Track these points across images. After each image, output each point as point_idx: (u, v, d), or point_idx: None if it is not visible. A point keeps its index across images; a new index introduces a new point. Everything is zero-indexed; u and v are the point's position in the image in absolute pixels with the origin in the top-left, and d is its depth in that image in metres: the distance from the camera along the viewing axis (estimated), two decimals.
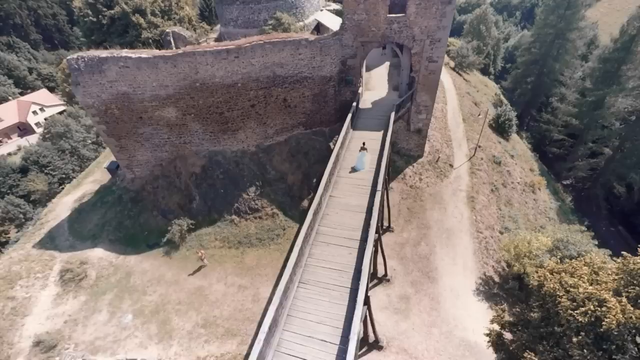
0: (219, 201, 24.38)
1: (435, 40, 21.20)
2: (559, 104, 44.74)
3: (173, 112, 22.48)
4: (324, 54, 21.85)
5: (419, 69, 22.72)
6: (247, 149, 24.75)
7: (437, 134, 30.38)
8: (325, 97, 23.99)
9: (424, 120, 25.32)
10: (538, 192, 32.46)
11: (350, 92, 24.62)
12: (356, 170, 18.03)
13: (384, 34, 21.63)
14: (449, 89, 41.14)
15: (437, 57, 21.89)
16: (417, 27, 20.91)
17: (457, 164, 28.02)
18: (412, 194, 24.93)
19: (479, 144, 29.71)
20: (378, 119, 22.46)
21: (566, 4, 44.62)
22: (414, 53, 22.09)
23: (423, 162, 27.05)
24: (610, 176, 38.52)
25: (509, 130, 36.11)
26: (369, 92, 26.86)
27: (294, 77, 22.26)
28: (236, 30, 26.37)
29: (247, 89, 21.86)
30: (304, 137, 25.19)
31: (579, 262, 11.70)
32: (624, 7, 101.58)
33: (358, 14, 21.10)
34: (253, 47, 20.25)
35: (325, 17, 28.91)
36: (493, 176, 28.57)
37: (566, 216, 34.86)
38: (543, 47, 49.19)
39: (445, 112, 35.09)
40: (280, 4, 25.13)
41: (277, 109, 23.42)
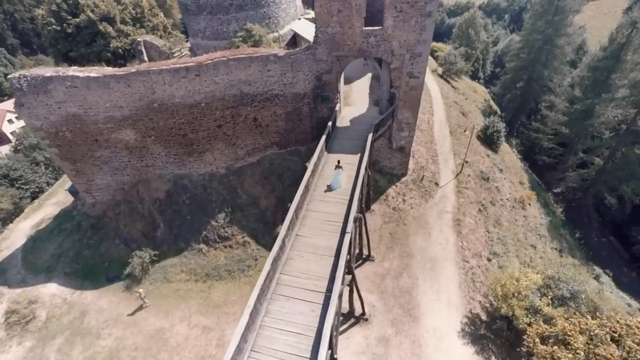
0: (185, 229, 22.43)
1: (416, 54, 19.63)
2: (548, 112, 43.72)
3: (131, 135, 20.49)
4: (296, 70, 20.12)
5: (400, 84, 21.13)
6: (216, 171, 22.86)
7: (422, 149, 28.86)
8: (300, 115, 22.26)
9: (407, 138, 23.74)
10: (528, 208, 31.16)
11: (327, 108, 22.95)
12: (332, 189, 16.77)
13: (361, 48, 19.99)
14: (435, 98, 39.77)
15: (419, 72, 20.33)
16: (395, 41, 19.32)
17: (443, 182, 26.49)
18: (395, 217, 23.30)
19: (466, 159, 28.26)
20: (356, 139, 20.76)
21: (554, 9, 43.63)
22: (394, 68, 20.51)
23: (407, 181, 25.46)
24: (601, 187, 37.51)
25: (497, 142, 34.79)
26: (348, 107, 25.19)
27: (263, 95, 20.48)
28: (205, 42, 24.49)
29: (212, 108, 20.00)
30: (278, 157, 23.40)
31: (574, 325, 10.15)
32: (611, 10, 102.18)
33: (332, 27, 19.43)
34: (216, 64, 18.40)
35: (302, 27, 27.16)
36: (481, 194, 27.12)
37: (557, 230, 33.68)
38: (531, 53, 48.21)
39: (431, 124, 33.63)
40: (251, 15, 23.34)
41: (247, 128, 21.60)
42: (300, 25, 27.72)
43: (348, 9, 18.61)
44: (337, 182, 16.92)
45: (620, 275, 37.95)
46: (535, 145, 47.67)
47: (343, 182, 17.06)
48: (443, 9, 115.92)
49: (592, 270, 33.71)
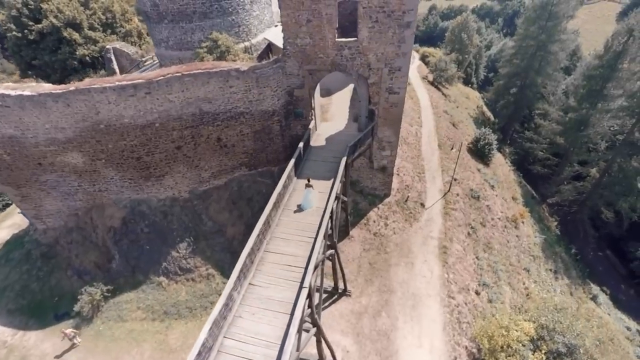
0: (144, 260, 20.26)
1: (395, 69, 17.71)
2: (542, 120, 42.08)
3: (79, 158, 18.31)
4: (262, 86, 18.08)
5: (378, 101, 19.20)
6: (179, 196, 20.72)
7: (408, 165, 26.94)
8: (270, 134, 20.22)
9: (389, 157, 21.81)
10: (521, 226, 29.34)
11: (301, 126, 20.96)
12: (302, 210, 15.41)
13: (334, 62, 18.03)
14: (425, 108, 37.97)
15: (399, 88, 18.40)
16: (371, 53, 17.38)
17: (429, 202, 24.57)
18: (376, 244, 21.31)
19: (454, 177, 26.38)
20: (331, 162, 18.68)
21: (547, 15, 42.06)
22: (371, 83, 18.56)
23: (390, 202, 23.51)
24: (597, 200, 35.88)
25: (489, 155, 33.01)
26: (326, 123, 23.18)
27: (226, 113, 18.41)
28: (169, 52, 22.41)
29: (169, 129, 17.89)
30: (248, 179, 21.34)
31: None
32: (604, 13, 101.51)
33: (301, 39, 17.45)
34: (168, 80, 16.31)
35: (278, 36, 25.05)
36: (470, 214, 25.23)
37: (552, 249, 31.91)
38: (524, 59, 46.60)
39: (419, 137, 31.76)
40: (218, 23, 21.31)
41: (210, 149, 19.51)
42: (275, 34, 25.65)
43: (318, 19, 16.64)
44: (308, 201, 15.49)
45: (618, 293, 36.33)
46: (529, 154, 46.01)
47: (314, 201, 15.63)
48: (436, 12, 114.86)
49: (589, 290, 32.04)
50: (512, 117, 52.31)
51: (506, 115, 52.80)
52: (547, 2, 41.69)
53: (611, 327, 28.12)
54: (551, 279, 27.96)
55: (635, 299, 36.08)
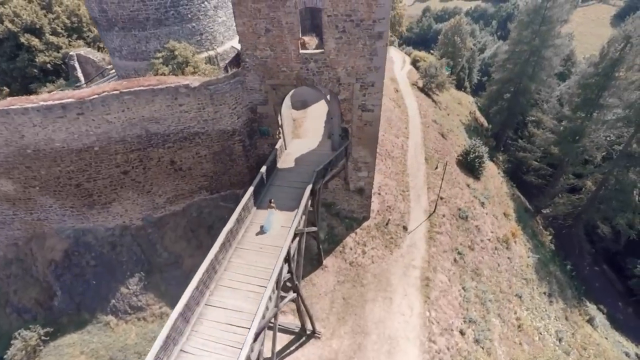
0: (90, 296, 18.05)
1: (367, 84, 15.70)
2: (535, 129, 40.31)
3: (9, 185, 16.09)
4: (219, 103, 15.99)
5: (351, 119, 17.18)
6: (130, 224, 18.54)
7: (391, 183, 24.95)
8: (232, 155, 18.13)
9: (366, 178, 19.79)
10: (513, 246, 27.45)
11: (268, 144, 18.92)
12: (264, 232, 14.14)
13: (300, 76, 15.98)
14: (413, 117, 36.05)
15: (373, 105, 16.39)
16: (340, 67, 15.36)
17: (412, 225, 22.57)
18: (352, 276, 19.26)
19: (440, 195, 24.42)
20: (297, 188, 16.52)
21: (540, 19, 40.37)
22: (342, 100, 16.55)
23: (369, 226, 21.48)
24: (594, 214, 34.12)
25: (479, 168, 31.12)
26: (298, 140, 21.10)
27: (178, 134, 16.30)
28: (123, 62, 20.26)
29: (110, 153, 15.73)
30: (209, 204, 19.22)
31: None
32: (599, 16, 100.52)
33: (261, 50, 15.39)
34: (105, 99, 14.16)
35: None
36: (458, 237, 23.27)
37: (546, 268, 30.05)
38: (517, 64, 44.89)
39: (405, 150, 29.80)
40: (176, 31, 19.22)
41: (163, 173, 17.37)
42: None
43: (278, 28, 14.59)
44: (269, 223, 14.35)
45: (615, 312, 34.58)
46: (522, 163, 44.22)
47: (277, 222, 14.47)
48: (430, 14, 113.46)
49: (585, 312, 30.22)
50: (506, 123, 50.58)
51: (499, 121, 51.08)
52: (540, 6, 40.02)
53: (609, 354, 26.32)
54: (545, 303, 26.09)
55: (634, 319, 34.33)
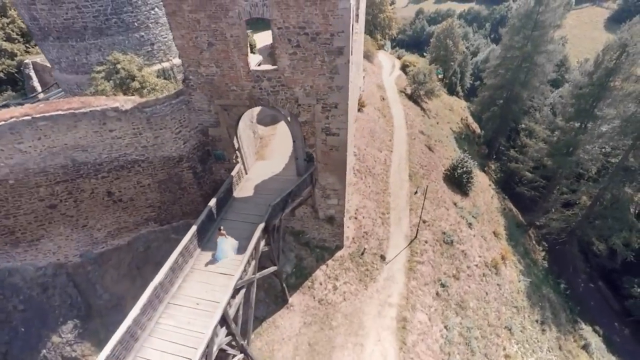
0: (17, 346, 15.74)
1: (330, 105, 13.62)
2: (527, 139, 38.48)
3: None
4: (158, 127, 13.83)
5: (315, 143, 15.10)
6: (66, 261, 16.27)
7: (370, 204, 22.89)
8: (181, 183, 15.96)
9: (336, 206, 17.70)
10: (503, 270, 25.51)
11: (225, 169, 16.79)
12: (217, 260, 12.97)
13: (252, 96, 13.88)
14: (398, 128, 34.09)
15: (338, 128, 14.31)
16: (298, 86, 13.28)
17: (391, 254, 20.53)
18: (320, 316, 17.16)
19: (423, 219, 22.42)
20: (253, 223, 14.27)
21: (532, 24, 38.61)
22: (303, 122, 14.47)
23: (343, 256, 19.40)
24: (589, 231, 32.33)
25: (467, 184, 29.20)
26: (262, 163, 18.95)
27: (113, 162, 14.10)
28: (64, 76, 18.00)
29: (30, 186, 13.48)
30: (158, 237, 17.01)
31: None
32: (592, 19, 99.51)
33: (205, 67, 13.27)
34: (13, 126, 11.92)
35: None
36: (441, 266, 21.27)
37: (539, 292, 28.17)
38: (509, 71, 43.12)
39: (388, 165, 27.79)
40: (120, 41, 17.01)
41: (99, 206, 15.15)
42: None
43: (222, 42, 12.47)
44: (222, 251, 13.06)
45: (612, 334, 32.76)
46: (515, 173, 42.41)
47: (229, 251, 13.13)
48: (423, 16, 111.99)
49: (580, 337, 28.39)
50: (498, 130, 48.78)
51: (492, 128, 49.30)
52: (532, 11, 38.27)
53: None
54: (537, 333, 24.17)
55: (631, 341, 32.56)
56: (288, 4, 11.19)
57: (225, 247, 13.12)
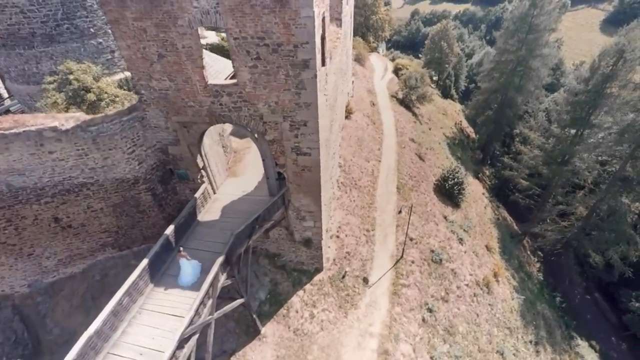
0: None
1: (298, 123, 12.22)
2: (522, 146, 37.28)
3: None
4: (107, 148, 12.38)
5: (285, 163, 13.70)
6: (12, 292, 14.76)
7: (354, 220, 21.53)
8: (139, 207, 14.50)
9: (313, 229, 16.29)
10: (495, 288, 24.22)
11: (190, 190, 15.35)
12: (182, 285, 11.94)
13: (213, 112, 12.45)
14: (388, 136, 32.77)
15: (309, 148, 12.91)
16: (261, 102, 11.86)
17: (375, 276, 19.16)
18: (295, 349, 15.73)
19: (410, 236, 21.07)
20: (217, 253, 12.91)
21: (527, 27, 37.45)
22: (270, 140, 13.05)
23: (322, 280, 17.99)
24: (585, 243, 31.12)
25: (459, 195, 27.90)
26: (233, 180, 17.49)
27: (57, 186, 12.62)
28: (15, 86, 16.45)
29: None
30: (117, 264, 15.54)
31: None
32: (588, 21, 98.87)
33: (157, 81, 11.84)
34: None
35: None
36: (429, 288, 19.93)
37: (533, 309, 26.92)
38: (503, 75, 41.94)
39: (376, 176, 26.44)
40: (75, 48, 15.52)
41: (45, 233, 13.66)
42: None
43: (174, 54, 11.04)
44: (186, 275, 12.05)
45: (608, 349, 31.60)
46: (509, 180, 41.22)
47: (194, 274, 12.12)
48: (419, 17, 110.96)
49: (577, 355, 27.23)
50: (493, 135, 47.57)
51: (486, 133, 48.07)
52: (526, 14, 37.08)
53: None
54: (531, 355, 22.90)
55: (628, 356, 31.43)
56: (244, 11, 9.78)
57: (189, 269, 12.05)
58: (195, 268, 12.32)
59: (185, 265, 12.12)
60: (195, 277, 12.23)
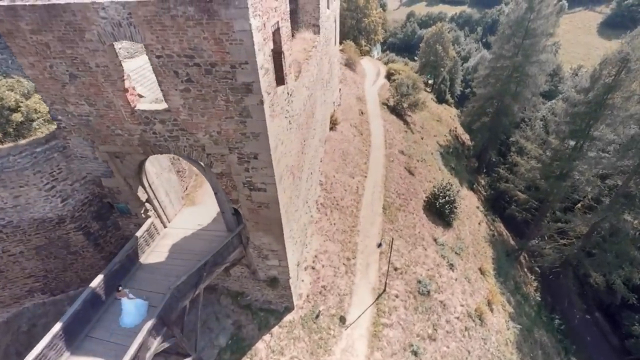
0: None
1: (248, 156, 10.14)
2: (518, 157, 35.36)
3: None
4: (16, 184, 10.25)
5: (238, 198, 11.62)
6: None
7: (334, 247, 19.48)
8: (70, 247, 12.37)
9: (278, 267, 14.22)
10: (489, 318, 22.19)
11: (135, 224, 13.25)
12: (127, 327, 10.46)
13: (146, 141, 10.34)
14: (376, 147, 30.76)
15: (263, 183, 10.84)
16: (201, 132, 9.79)
17: (353, 314, 17.08)
18: None
19: (395, 266, 19.02)
20: (156, 307, 10.92)
21: (523, 32, 35.59)
22: (219, 174, 10.97)
23: (293, 321, 15.90)
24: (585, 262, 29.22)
25: (450, 215, 25.89)
26: (191, 210, 15.35)
27: None
28: None
29: None
30: (48, 310, 13.38)
31: None
32: (585, 24, 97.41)
33: (74, 105, 9.74)
34: None
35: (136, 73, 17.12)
36: (414, 326, 17.86)
37: (530, 337, 24.95)
38: (499, 82, 40.07)
39: (360, 195, 24.40)
40: (1, 60, 13.47)
41: None
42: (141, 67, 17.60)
43: (88, 74, 8.95)
44: (129, 316, 10.57)
45: None
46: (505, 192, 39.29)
47: (139, 314, 10.65)
48: (414, 19, 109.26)
49: None
50: (488, 142, 45.65)
51: (482, 140, 46.11)
52: (523, 18, 35.19)
53: None
54: None
55: None
56: (163, 23, 7.70)
57: (131, 309, 10.62)
58: (140, 307, 10.77)
59: (127, 305, 10.56)
60: (141, 318, 10.64)
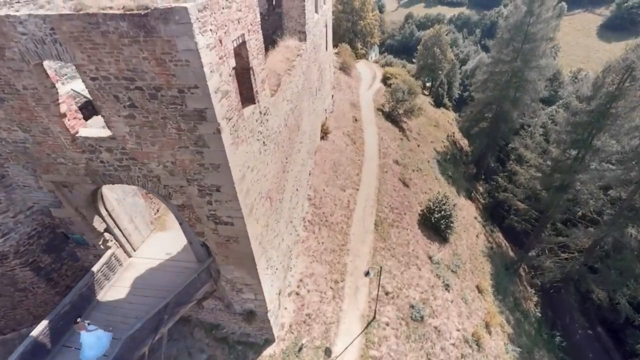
0: None
1: (209, 188, 8.85)
2: (517, 166, 34.15)
3: None
4: None
5: (204, 231, 10.33)
6: None
7: (321, 269, 18.20)
8: (17, 284, 11.07)
9: (254, 301, 12.93)
10: (487, 342, 20.90)
11: (94, 255, 11.96)
12: None
13: (94, 170, 9.05)
14: (370, 157, 29.49)
15: (229, 217, 9.56)
16: (153, 162, 8.50)
17: (340, 344, 15.77)
18: None
19: (386, 290, 17.72)
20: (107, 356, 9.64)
21: (522, 36, 34.41)
22: (179, 206, 9.69)
23: (274, 354, 14.61)
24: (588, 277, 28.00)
25: (447, 230, 24.62)
26: (160, 236, 14.05)
27: None
28: None
29: None
30: None
31: None
32: (585, 26, 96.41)
33: (7, 131, 8.58)
34: None
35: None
36: (407, 357, 16.54)
37: (530, 357, 23.72)
38: (497, 87, 38.88)
39: (352, 209, 23.13)
40: None
41: None
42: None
43: (16, 97, 7.70)
44: (90, 349, 9.60)
45: None
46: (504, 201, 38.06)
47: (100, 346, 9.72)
48: (412, 20, 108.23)
49: None
50: (487, 149, 44.45)
51: (480, 146, 44.95)
52: (522, 21, 33.99)
53: None
54: None
55: None
56: (94, 41, 6.42)
57: (92, 341, 9.66)
58: (101, 339, 9.79)
59: (87, 338, 9.65)
60: (103, 350, 9.78)
